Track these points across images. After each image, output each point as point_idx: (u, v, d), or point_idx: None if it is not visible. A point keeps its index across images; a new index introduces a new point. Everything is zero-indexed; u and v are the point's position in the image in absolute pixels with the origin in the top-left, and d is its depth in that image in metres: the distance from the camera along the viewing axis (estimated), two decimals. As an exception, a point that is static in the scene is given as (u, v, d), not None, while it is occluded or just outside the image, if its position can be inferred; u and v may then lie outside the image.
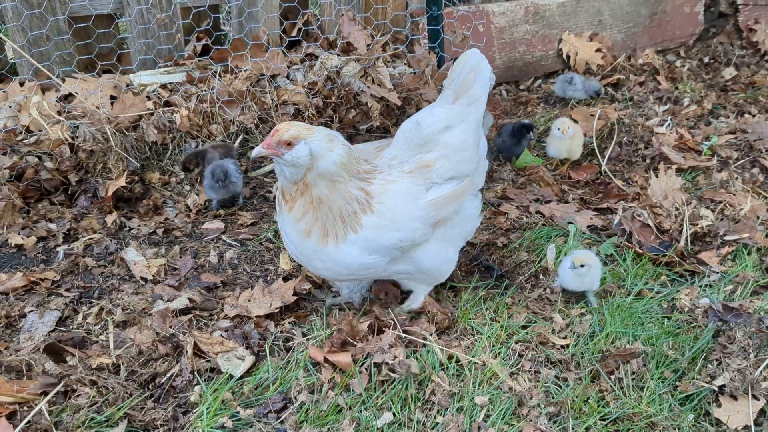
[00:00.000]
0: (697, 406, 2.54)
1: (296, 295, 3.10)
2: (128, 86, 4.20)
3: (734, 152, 4.37)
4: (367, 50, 4.65)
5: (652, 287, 3.22)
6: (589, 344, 2.83)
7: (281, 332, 2.93)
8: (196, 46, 4.61)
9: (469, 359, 2.69)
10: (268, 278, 3.35)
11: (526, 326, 2.93)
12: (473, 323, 2.93)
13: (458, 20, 5.03)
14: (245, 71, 4.38)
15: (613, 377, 2.66)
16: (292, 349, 2.80)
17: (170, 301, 3.10)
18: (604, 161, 4.24)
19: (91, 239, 3.54)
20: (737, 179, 4.00)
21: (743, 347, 2.71)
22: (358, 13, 4.91)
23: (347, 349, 2.71)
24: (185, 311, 3.04)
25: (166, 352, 2.78)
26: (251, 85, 4.36)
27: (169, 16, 4.38)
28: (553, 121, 4.50)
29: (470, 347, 2.78)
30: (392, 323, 2.83)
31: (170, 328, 2.90)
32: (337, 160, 2.57)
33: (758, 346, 2.72)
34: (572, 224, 3.61)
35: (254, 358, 2.77)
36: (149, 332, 2.86)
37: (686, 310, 3.03)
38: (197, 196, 3.94)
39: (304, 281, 3.21)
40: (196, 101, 4.22)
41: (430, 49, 4.90)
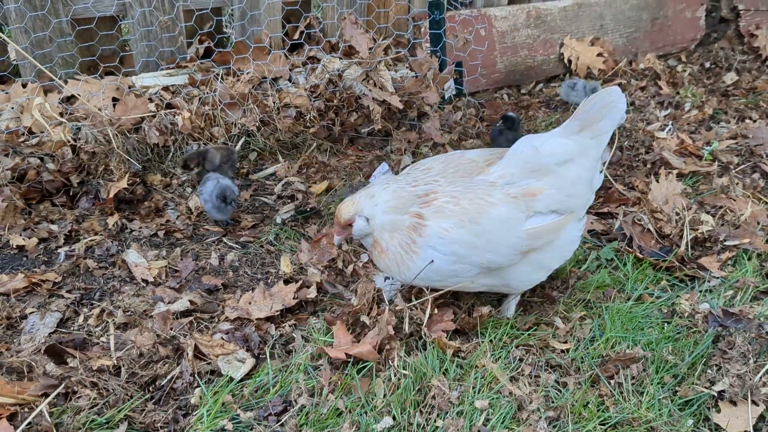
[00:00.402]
0: (696, 411, 2.54)
1: (297, 298, 3.11)
2: (130, 88, 4.21)
3: (735, 157, 4.37)
4: (369, 53, 4.65)
5: (652, 292, 3.22)
6: (589, 349, 2.83)
7: (281, 335, 2.94)
8: (198, 48, 4.62)
9: (469, 362, 2.70)
10: (268, 281, 3.35)
11: (529, 328, 2.94)
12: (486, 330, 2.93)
13: (460, 24, 5.05)
14: (247, 74, 4.39)
15: (612, 382, 2.66)
16: (292, 351, 2.81)
17: (171, 303, 3.10)
18: (604, 165, 4.24)
19: (92, 241, 3.55)
20: (738, 184, 4.01)
21: (743, 353, 2.70)
22: (360, 16, 4.92)
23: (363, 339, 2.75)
24: (186, 313, 3.05)
25: (166, 354, 2.78)
26: (253, 87, 4.37)
27: (171, 18, 4.39)
28: (555, 125, 4.49)
29: (472, 350, 2.79)
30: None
31: (171, 330, 2.91)
32: (385, 208, 2.75)
33: (758, 351, 2.72)
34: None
35: (254, 360, 2.77)
36: (150, 334, 2.87)
37: (686, 315, 3.03)
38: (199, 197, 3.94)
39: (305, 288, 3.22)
40: (198, 103, 4.23)
41: (432, 52, 4.91)
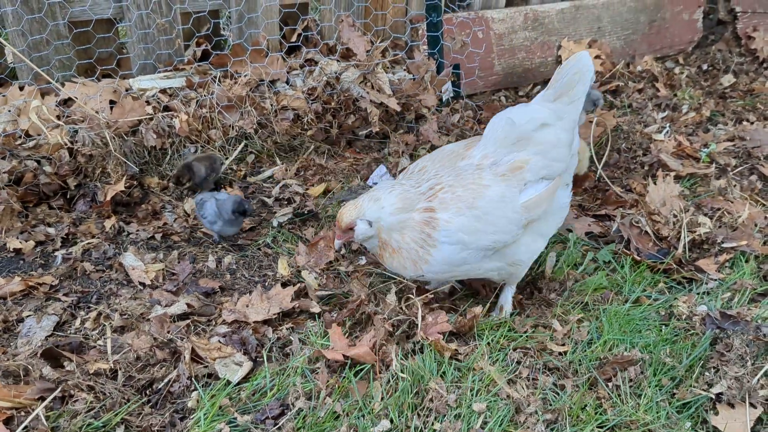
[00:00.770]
0: (694, 413, 2.54)
1: (294, 300, 3.11)
2: (128, 91, 4.20)
3: (732, 159, 4.37)
4: (366, 56, 4.65)
5: (649, 294, 3.22)
6: (586, 351, 2.82)
7: (279, 338, 2.93)
8: (195, 51, 4.62)
9: (467, 365, 2.69)
10: (266, 284, 3.35)
11: (527, 331, 2.94)
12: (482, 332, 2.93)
13: (458, 27, 5.05)
14: (245, 76, 4.39)
15: (610, 384, 2.66)
16: (290, 354, 2.80)
17: (168, 306, 3.09)
18: (600, 166, 4.24)
19: (89, 244, 3.54)
20: (735, 186, 4.01)
21: (741, 355, 2.70)
22: (357, 19, 4.93)
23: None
24: (183, 316, 3.04)
25: (163, 357, 2.78)
26: (251, 90, 4.37)
27: (169, 21, 4.39)
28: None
29: (470, 353, 2.79)
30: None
31: (168, 333, 2.90)
32: (392, 210, 2.74)
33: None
34: (571, 231, 3.61)
35: (252, 363, 2.77)
36: (147, 337, 2.86)
37: (684, 317, 3.03)
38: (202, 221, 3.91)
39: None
40: (195, 106, 4.22)
41: (429, 55, 4.91)
